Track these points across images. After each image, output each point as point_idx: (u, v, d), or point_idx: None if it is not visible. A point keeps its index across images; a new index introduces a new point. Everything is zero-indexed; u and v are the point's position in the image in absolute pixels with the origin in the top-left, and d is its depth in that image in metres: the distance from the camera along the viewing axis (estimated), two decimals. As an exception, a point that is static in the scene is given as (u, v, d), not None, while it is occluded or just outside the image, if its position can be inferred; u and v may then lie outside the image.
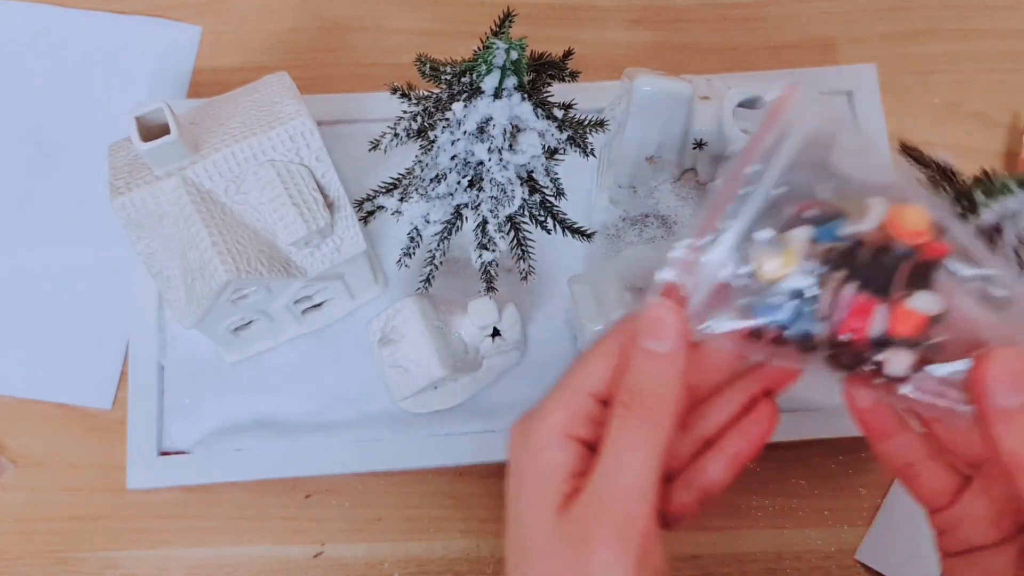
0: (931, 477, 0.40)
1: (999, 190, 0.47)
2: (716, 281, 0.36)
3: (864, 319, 0.34)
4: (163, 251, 0.56)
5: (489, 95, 0.49)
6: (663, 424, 0.35)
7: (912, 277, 0.34)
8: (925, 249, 0.34)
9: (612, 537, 0.34)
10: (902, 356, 0.34)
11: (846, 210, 0.35)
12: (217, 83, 0.73)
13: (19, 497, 0.66)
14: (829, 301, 0.34)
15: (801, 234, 0.35)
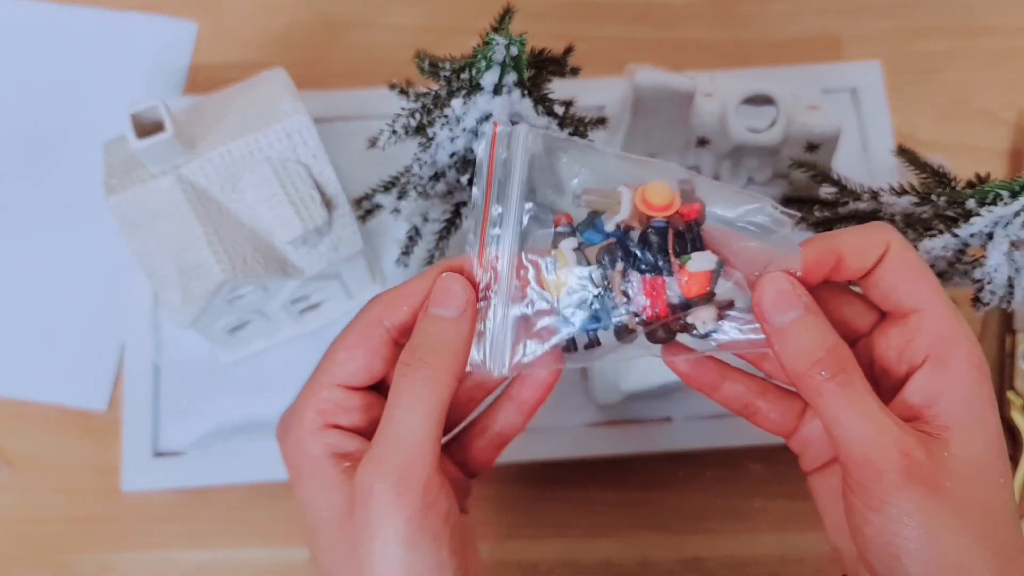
0: (769, 410, 0.42)
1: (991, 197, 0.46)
2: (513, 320, 0.38)
3: (658, 296, 0.37)
4: (158, 250, 0.56)
5: (489, 91, 0.48)
6: (443, 382, 0.36)
7: (680, 243, 0.37)
8: (680, 215, 0.37)
9: (390, 490, 0.35)
10: (704, 313, 0.37)
11: (602, 208, 0.37)
12: (213, 80, 0.73)
13: (13, 499, 0.65)
14: (622, 292, 0.37)
15: (566, 244, 0.37)
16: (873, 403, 0.35)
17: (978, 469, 0.35)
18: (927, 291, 0.38)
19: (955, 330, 0.37)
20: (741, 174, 0.57)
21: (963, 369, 0.36)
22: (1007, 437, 0.66)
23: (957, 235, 0.47)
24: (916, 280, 0.38)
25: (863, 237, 0.38)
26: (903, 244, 0.38)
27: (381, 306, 0.39)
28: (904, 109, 0.72)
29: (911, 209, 0.50)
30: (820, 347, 0.36)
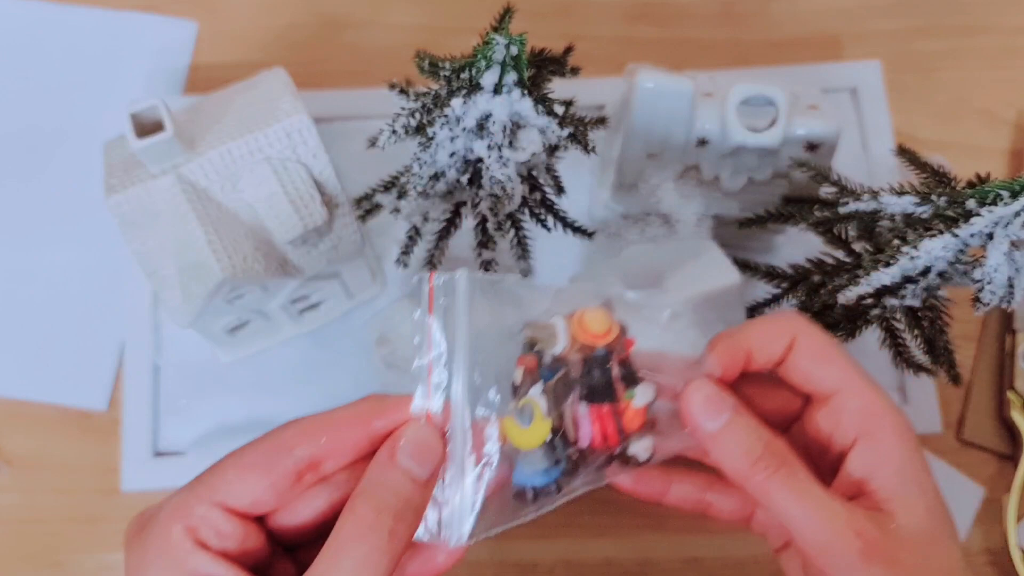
0: (722, 502, 0.42)
1: (991, 197, 0.46)
2: (473, 483, 0.35)
3: (605, 425, 0.37)
4: (158, 250, 0.56)
5: (489, 91, 0.48)
6: (398, 551, 0.33)
7: (625, 370, 0.37)
8: (617, 344, 0.37)
9: None
10: (643, 444, 0.37)
11: (541, 342, 0.37)
12: (213, 79, 0.73)
13: (12, 499, 0.65)
14: (571, 427, 0.36)
15: (535, 391, 0.36)
16: (819, 490, 0.36)
17: (926, 535, 0.36)
18: (841, 372, 0.38)
19: (876, 404, 0.38)
20: (741, 173, 0.57)
21: (892, 441, 0.37)
22: (1007, 437, 0.66)
23: (957, 235, 0.47)
24: (828, 363, 0.38)
25: (768, 330, 0.39)
26: (810, 331, 0.39)
27: (297, 432, 0.35)
28: (904, 108, 0.72)
29: (911, 209, 0.50)
30: (756, 446, 0.36)
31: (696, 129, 0.56)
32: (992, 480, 0.66)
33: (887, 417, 0.37)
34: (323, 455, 0.35)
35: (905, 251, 0.48)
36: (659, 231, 0.57)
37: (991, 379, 0.67)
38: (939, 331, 0.54)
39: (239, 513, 0.35)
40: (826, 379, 0.38)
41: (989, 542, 0.65)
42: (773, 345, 0.39)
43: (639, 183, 0.59)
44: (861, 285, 0.50)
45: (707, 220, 0.57)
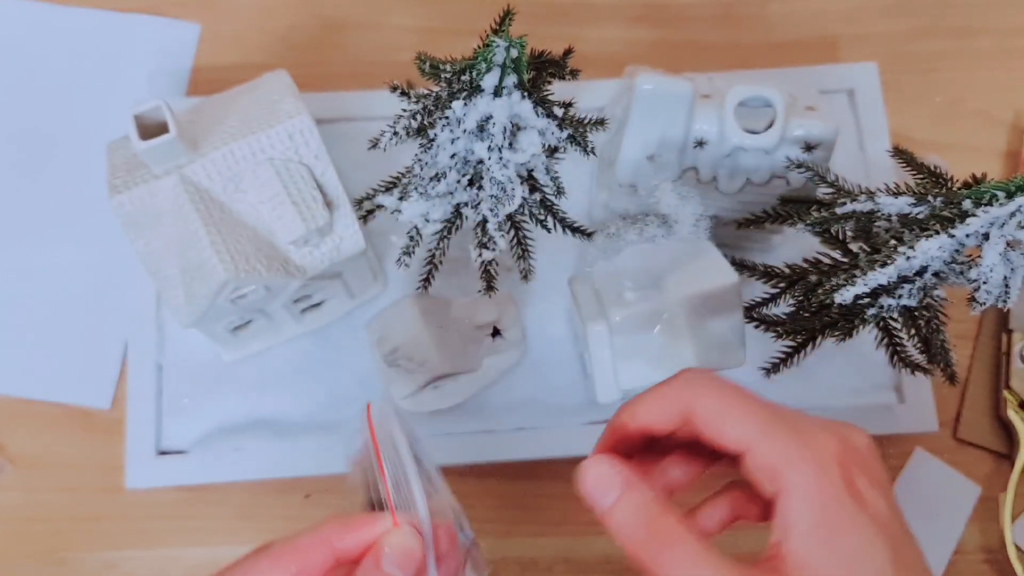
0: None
1: (987, 197, 0.47)
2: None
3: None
4: (161, 250, 0.56)
5: (489, 93, 0.48)
6: None
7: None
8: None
9: None
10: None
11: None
12: (216, 81, 0.73)
13: (17, 497, 0.66)
14: None
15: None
16: (712, 562, 0.35)
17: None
18: (743, 430, 0.36)
19: (781, 463, 0.35)
20: (739, 174, 0.58)
21: (800, 501, 0.35)
22: (1003, 435, 0.67)
23: (953, 235, 0.48)
24: (728, 424, 0.37)
25: (656, 405, 0.38)
26: (704, 393, 0.37)
27: (268, 563, 0.36)
28: (901, 110, 0.73)
29: (907, 209, 0.51)
30: (641, 526, 0.36)
31: (694, 130, 0.57)
32: (988, 478, 0.66)
33: (795, 475, 0.35)
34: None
35: (901, 251, 0.49)
36: (657, 232, 0.58)
37: (987, 378, 0.68)
38: (935, 330, 0.54)
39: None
40: (731, 440, 0.37)
41: (985, 540, 0.65)
42: (664, 416, 0.38)
43: (638, 184, 0.59)
44: (858, 285, 0.50)
45: (705, 221, 0.58)
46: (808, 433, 0.36)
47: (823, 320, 0.55)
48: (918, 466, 0.66)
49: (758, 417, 0.36)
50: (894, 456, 0.67)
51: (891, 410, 0.64)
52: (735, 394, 0.38)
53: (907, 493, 0.66)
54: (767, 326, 0.58)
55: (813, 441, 0.35)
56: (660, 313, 0.56)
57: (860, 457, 0.36)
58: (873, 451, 0.37)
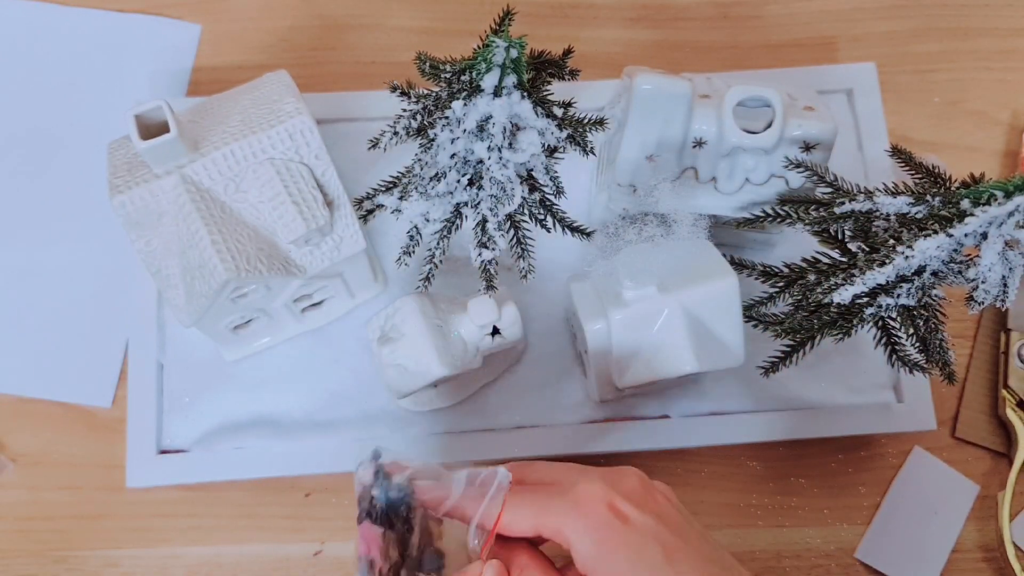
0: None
1: (985, 197, 0.47)
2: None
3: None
4: (162, 249, 0.56)
5: (489, 93, 0.49)
6: None
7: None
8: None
9: None
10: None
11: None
12: (216, 81, 0.73)
13: (18, 496, 0.66)
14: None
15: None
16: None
17: None
18: (528, 526, 0.43)
19: (562, 523, 0.42)
20: (737, 174, 0.58)
21: (581, 537, 0.42)
22: (1001, 434, 0.67)
23: (952, 235, 0.48)
24: (518, 527, 0.44)
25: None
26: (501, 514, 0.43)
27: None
28: (899, 110, 0.73)
29: (906, 209, 0.51)
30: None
31: (693, 130, 0.57)
32: (986, 477, 0.66)
33: (571, 527, 0.42)
34: None
35: (900, 251, 0.49)
36: (656, 231, 0.58)
37: (985, 377, 0.68)
38: (934, 330, 0.54)
39: None
40: (530, 533, 0.43)
41: (984, 539, 0.65)
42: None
43: (637, 184, 0.59)
44: (856, 284, 0.50)
45: (704, 220, 0.58)
46: (578, 491, 0.42)
47: (822, 319, 0.55)
48: (916, 465, 0.66)
49: (534, 508, 0.43)
50: (893, 455, 0.67)
51: (889, 409, 0.64)
52: (519, 497, 0.44)
53: (905, 492, 0.66)
54: (766, 325, 0.58)
55: (581, 496, 0.42)
56: (659, 312, 0.56)
57: (626, 491, 0.43)
58: (641, 483, 0.44)
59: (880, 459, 0.67)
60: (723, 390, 0.65)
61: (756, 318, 0.59)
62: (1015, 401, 0.66)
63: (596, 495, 0.42)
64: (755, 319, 0.59)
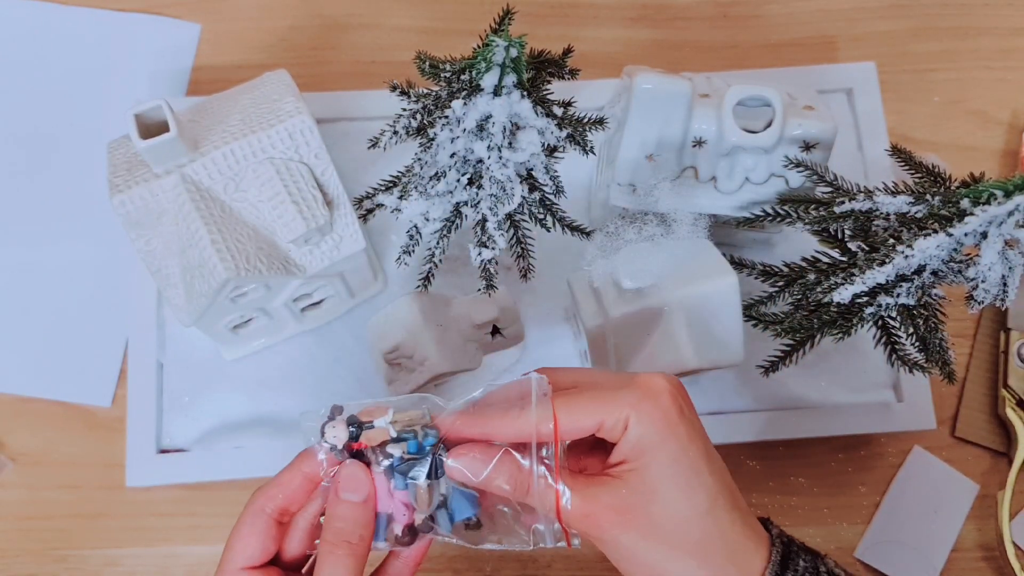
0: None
1: (985, 196, 0.47)
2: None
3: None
4: (162, 249, 0.56)
5: (489, 93, 0.49)
6: (359, 554, 0.43)
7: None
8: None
9: None
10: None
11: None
12: (216, 81, 0.73)
13: (18, 495, 0.66)
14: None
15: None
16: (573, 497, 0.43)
17: (657, 488, 0.42)
18: (594, 412, 0.43)
19: (629, 408, 0.43)
20: (737, 174, 0.58)
21: (644, 423, 0.43)
22: (1001, 434, 0.67)
23: (951, 234, 0.48)
24: (583, 417, 0.43)
25: (515, 426, 0.43)
26: (554, 409, 0.43)
27: (262, 497, 0.45)
28: (899, 109, 0.73)
29: (906, 208, 0.51)
30: (510, 473, 0.43)
31: (693, 130, 0.57)
32: (986, 476, 0.66)
33: (638, 413, 0.43)
34: (285, 504, 0.45)
35: (900, 250, 0.49)
36: (656, 230, 0.58)
37: (985, 376, 0.68)
38: (933, 329, 0.54)
39: (256, 567, 0.45)
40: (588, 426, 0.43)
41: (983, 538, 0.65)
42: (522, 429, 0.43)
43: (637, 183, 0.59)
44: (856, 284, 0.50)
45: (704, 220, 0.58)
46: (643, 381, 0.44)
47: (821, 319, 0.55)
48: (916, 464, 0.67)
49: (603, 397, 0.44)
50: (892, 454, 0.67)
51: (889, 408, 0.64)
52: (580, 392, 0.44)
53: (905, 491, 0.66)
54: (766, 324, 0.58)
55: (650, 386, 0.43)
56: (659, 311, 0.56)
57: (680, 390, 0.44)
58: (683, 387, 0.45)
59: (880, 458, 0.67)
60: (723, 389, 0.65)
61: (756, 317, 0.59)
62: (1015, 400, 0.66)
63: (662, 386, 0.43)
64: (755, 318, 0.59)
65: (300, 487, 0.45)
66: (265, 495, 0.45)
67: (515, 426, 0.43)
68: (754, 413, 0.64)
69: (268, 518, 0.45)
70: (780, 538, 0.45)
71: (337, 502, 0.43)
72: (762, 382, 0.63)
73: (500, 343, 0.62)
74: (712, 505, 0.43)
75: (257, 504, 0.45)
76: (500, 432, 0.43)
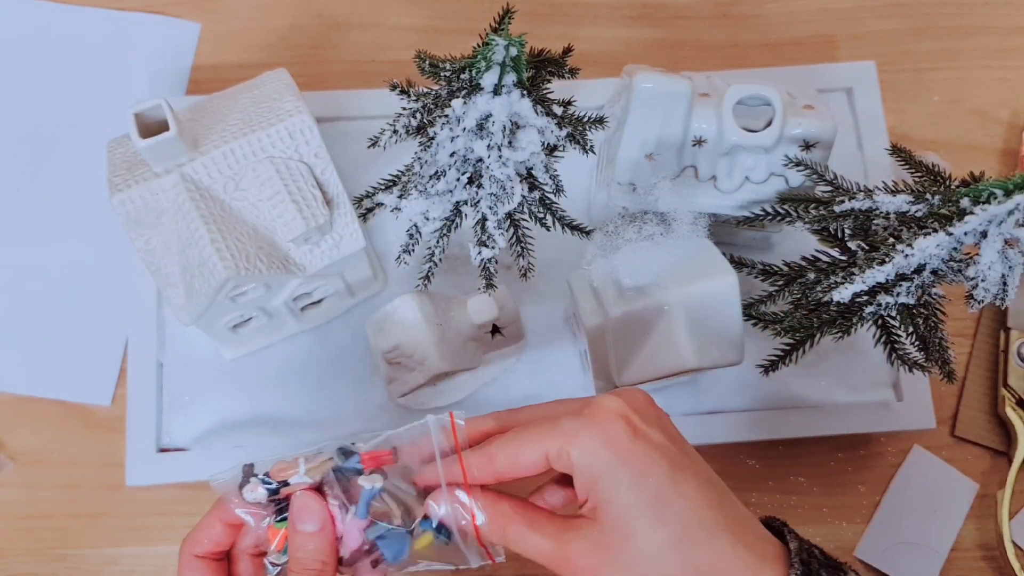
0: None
1: (985, 195, 0.47)
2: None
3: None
4: (162, 248, 0.56)
5: (488, 92, 0.49)
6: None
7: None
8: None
9: None
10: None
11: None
12: (216, 80, 0.73)
13: (18, 494, 0.66)
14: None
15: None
16: (534, 535, 0.43)
17: (625, 524, 0.41)
18: (541, 449, 0.42)
19: (569, 431, 0.42)
20: (737, 173, 0.58)
21: (588, 453, 0.41)
22: (1001, 433, 0.67)
23: (951, 233, 0.48)
24: (527, 454, 0.43)
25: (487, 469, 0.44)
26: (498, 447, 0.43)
27: (188, 544, 0.46)
28: (899, 108, 0.73)
29: (905, 207, 0.51)
30: (491, 514, 0.43)
31: (693, 129, 0.57)
32: (985, 476, 0.66)
33: (575, 446, 0.42)
34: (213, 548, 0.46)
35: (900, 249, 0.49)
36: (656, 230, 0.58)
37: (985, 376, 0.68)
38: (933, 328, 0.54)
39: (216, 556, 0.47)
40: (531, 465, 0.43)
41: (983, 537, 0.65)
42: (492, 473, 0.44)
43: (637, 183, 0.59)
44: (856, 283, 0.50)
45: (703, 219, 0.58)
46: (593, 407, 0.42)
47: (821, 318, 0.55)
48: (916, 463, 0.67)
49: (542, 429, 0.43)
50: (892, 453, 0.67)
51: (889, 408, 0.64)
52: (520, 428, 0.44)
53: (905, 490, 0.66)
54: (765, 324, 0.58)
55: (596, 411, 0.42)
56: (659, 310, 0.56)
57: (638, 407, 0.43)
58: (649, 402, 0.44)
59: (880, 458, 0.67)
60: (722, 388, 0.65)
61: (756, 316, 0.59)
62: (1015, 400, 0.66)
63: (612, 409, 0.42)
64: (755, 317, 0.59)
65: (223, 531, 0.46)
66: (191, 542, 0.46)
67: (426, 473, 0.44)
68: (754, 412, 0.64)
69: (204, 563, 0.46)
70: (799, 554, 0.41)
71: (295, 533, 0.44)
72: (762, 381, 0.63)
73: (500, 342, 0.62)
74: (685, 531, 0.40)
75: (186, 553, 0.46)
76: (431, 477, 0.44)
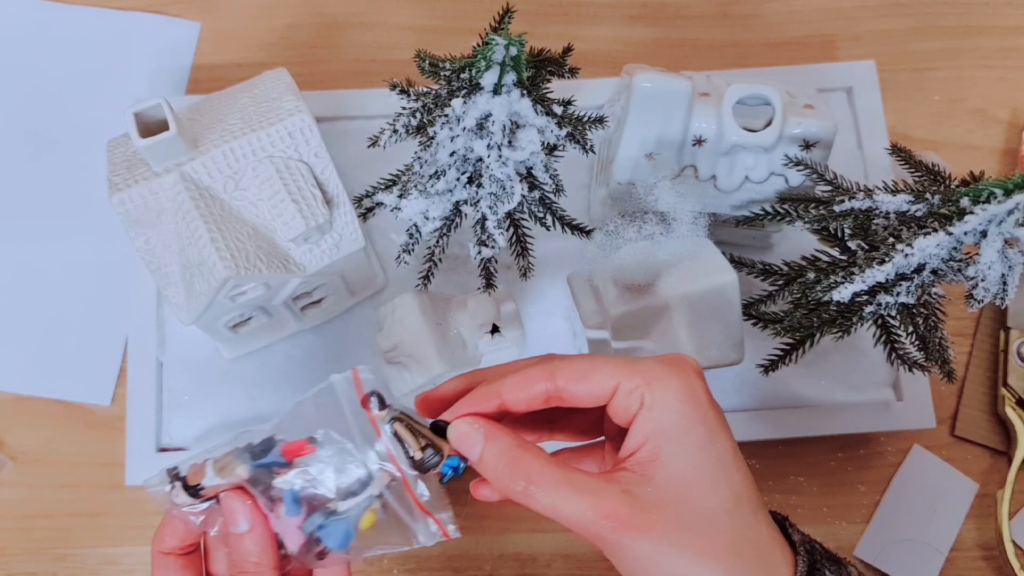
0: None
1: (985, 195, 0.47)
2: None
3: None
4: (162, 247, 0.56)
5: (488, 91, 0.49)
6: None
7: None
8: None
9: None
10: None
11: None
12: (216, 79, 0.73)
13: (18, 493, 0.66)
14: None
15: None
16: (568, 488, 0.39)
17: (685, 481, 0.39)
18: (609, 373, 0.40)
19: (645, 380, 0.40)
20: (737, 172, 0.58)
21: (661, 405, 0.40)
22: (1000, 432, 0.67)
23: (951, 233, 0.48)
24: (596, 374, 0.41)
25: (519, 385, 0.42)
26: (566, 362, 0.42)
27: (155, 545, 0.45)
28: (899, 108, 0.73)
29: (905, 207, 0.51)
30: (508, 462, 0.41)
31: (693, 128, 0.57)
32: (985, 475, 0.66)
33: (665, 379, 0.40)
34: (178, 543, 0.45)
35: (899, 249, 0.49)
36: (656, 229, 0.58)
37: (985, 375, 0.68)
38: (933, 328, 0.54)
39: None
40: (598, 386, 0.41)
41: (983, 537, 0.65)
42: (527, 397, 0.42)
43: (636, 182, 0.59)
44: (856, 282, 0.50)
45: (703, 218, 0.58)
46: (672, 359, 0.41)
47: (821, 317, 0.55)
48: (916, 463, 0.67)
49: (619, 361, 0.41)
50: (892, 453, 0.67)
51: (889, 407, 0.64)
52: (593, 356, 0.43)
53: (905, 490, 0.66)
54: (765, 323, 0.58)
55: (679, 362, 0.41)
56: (659, 310, 0.56)
57: (703, 375, 0.42)
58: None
59: (879, 457, 0.67)
60: (722, 388, 0.65)
61: (756, 316, 0.59)
62: (1014, 399, 0.66)
63: (693, 366, 0.40)
64: (755, 317, 0.59)
65: (184, 527, 0.45)
66: (156, 540, 0.46)
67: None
68: (754, 412, 0.64)
69: (171, 559, 0.45)
70: (804, 545, 0.41)
71: (229, 535, 0.44)
72: (762, 381, 0.63)
73: (500, 342, 0.62)
74: (737, 503, 0.39)
75: (154, 551, 0.46)
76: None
